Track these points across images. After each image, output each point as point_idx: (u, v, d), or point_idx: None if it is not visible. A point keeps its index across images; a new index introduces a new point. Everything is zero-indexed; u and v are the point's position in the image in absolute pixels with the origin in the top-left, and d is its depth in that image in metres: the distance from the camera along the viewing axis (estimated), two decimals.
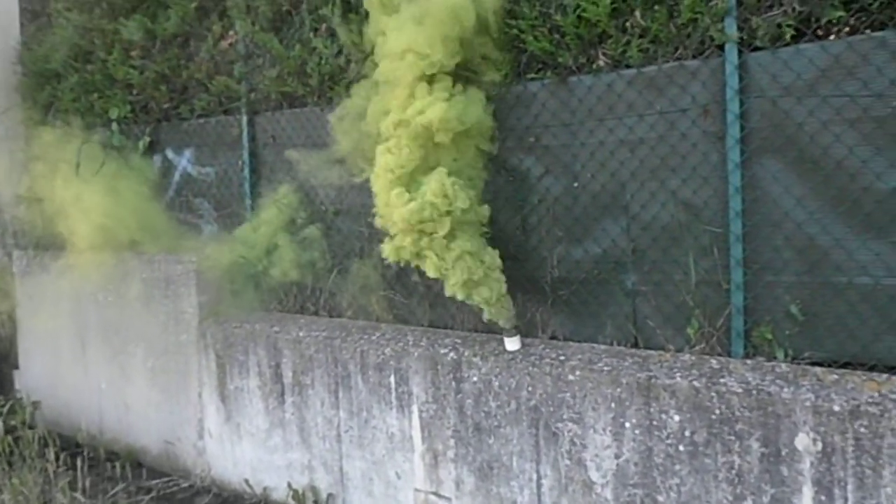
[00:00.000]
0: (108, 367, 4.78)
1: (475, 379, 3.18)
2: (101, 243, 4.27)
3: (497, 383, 3.12)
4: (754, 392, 2.57)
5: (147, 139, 4.33)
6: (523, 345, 3.19)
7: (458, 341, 3.37)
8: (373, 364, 3.50)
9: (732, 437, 2.60)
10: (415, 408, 3.40)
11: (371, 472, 3.59)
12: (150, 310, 4.35)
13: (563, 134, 3.09)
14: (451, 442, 3.30)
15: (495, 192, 3.25)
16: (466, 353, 3.23)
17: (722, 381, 2.66)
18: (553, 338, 3.26)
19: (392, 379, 3.45)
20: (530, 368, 3.02)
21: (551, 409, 2.98)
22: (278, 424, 3.94)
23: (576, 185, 3.07)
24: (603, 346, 3.10)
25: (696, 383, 2.67)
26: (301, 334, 3.79)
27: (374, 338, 3.58)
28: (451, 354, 3.26)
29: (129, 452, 4.76)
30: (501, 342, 3.21)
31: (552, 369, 2.97)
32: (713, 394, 2.63)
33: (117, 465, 4.67)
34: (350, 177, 3.65)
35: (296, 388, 3.82)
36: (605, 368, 2.88)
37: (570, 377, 2.92)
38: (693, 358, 2.86)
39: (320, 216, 3.85)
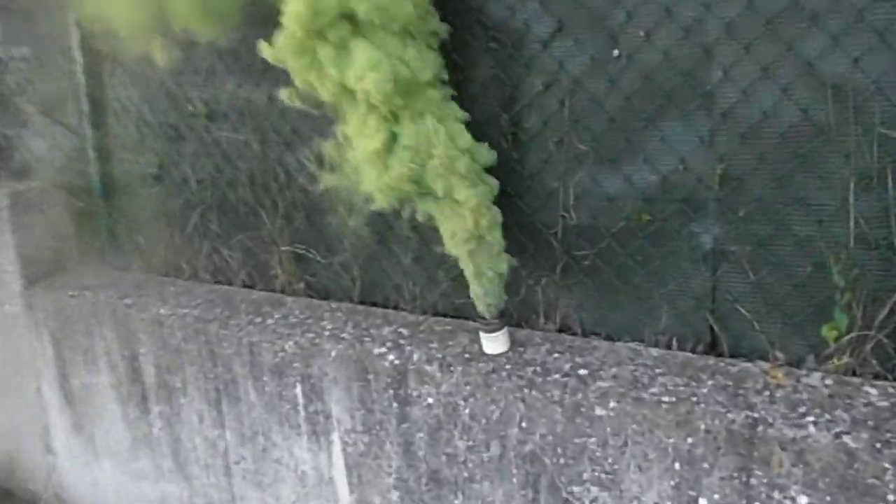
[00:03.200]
0: None
1: (430, 400, 1.84)
2: None
3: (468, 410, 1.78)
4: None
5: None
6: (513, 343, 1.83)
7: (405, 333, 2.01)
8: (269, 365, 2.15)
9: None
10: (335, 437, 2.07)
11: None
12: None
13: None
14: (395, 495, 1.99)
15: (464, 75, 1.83)
16: (416, 357, 1.88)
17: None
18: (564, 329, 1.91)
19: (298, 390, 2.10)
20: (525, 390, 1.68)
21: (562, 460, 1.65)
22: (144, 442, 2.61)
23: (615, 54, 1.64)
24: (655, 351, 1.74)
25: (849, 441, 1.35)
26: (163, 312, 2.41)
27: (270, 322, 2.21)
28: (391, 357, 1.91)
29: None
30: (475, 337, 1.86)
31: (564, 394, 1.63)
32: (887, 465, 1.31)
33: None
34: (236, 59, 2.26)
35: (162, 393, 2.48)
36: (665, 399, 1.54)
37: (599, 410, 1.58)
38: (830, 382, 1.52)
39: (188, 122, 2.43)
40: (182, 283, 2.64)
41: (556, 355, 1.77)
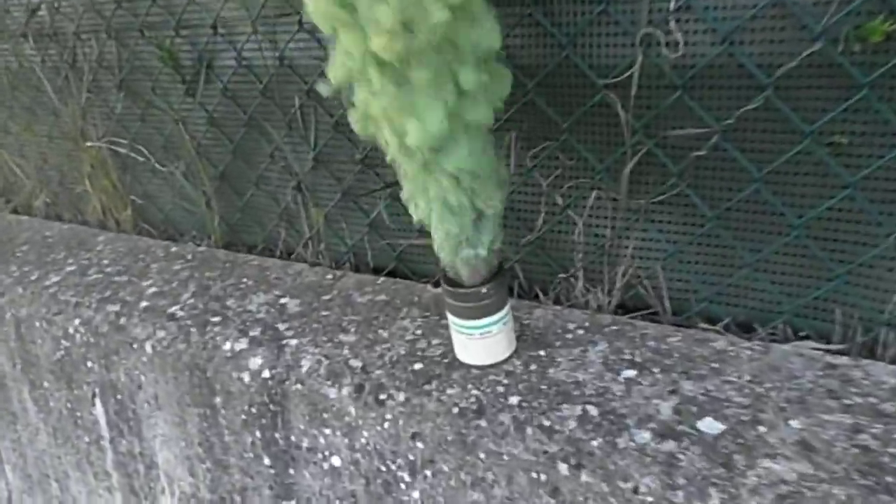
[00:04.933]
0: None
1: (336, 461, 0.82)
2: None
3: (417, 494, 0.77)
4: None
5: None
6: (523, 339, 0.81)
7: (293, 307, 0.98)
8: (48, 361, 1.12)
9: None
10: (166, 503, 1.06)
11: None
12: None
13: None
14: None
15: None
16: (307, 365, 0.85)
17: None
18: (634, 307, 0.88)
19: (99, 412, 1.08)
20: (562, 465, 0.66)
21: None
22: None
23: None
24: (885, 372, 0.72)
25: None
26: None
27: (53, 280, 1.17)
28: (258, 361, 0.88)
29: None
30: (437, 326, 0.83)
31: (670, 481, 0.60)
32: None
33: None
34: None
35: None
36: None
37: None
38: None
39: None
40: None
41: (629, 374, 0.74)
